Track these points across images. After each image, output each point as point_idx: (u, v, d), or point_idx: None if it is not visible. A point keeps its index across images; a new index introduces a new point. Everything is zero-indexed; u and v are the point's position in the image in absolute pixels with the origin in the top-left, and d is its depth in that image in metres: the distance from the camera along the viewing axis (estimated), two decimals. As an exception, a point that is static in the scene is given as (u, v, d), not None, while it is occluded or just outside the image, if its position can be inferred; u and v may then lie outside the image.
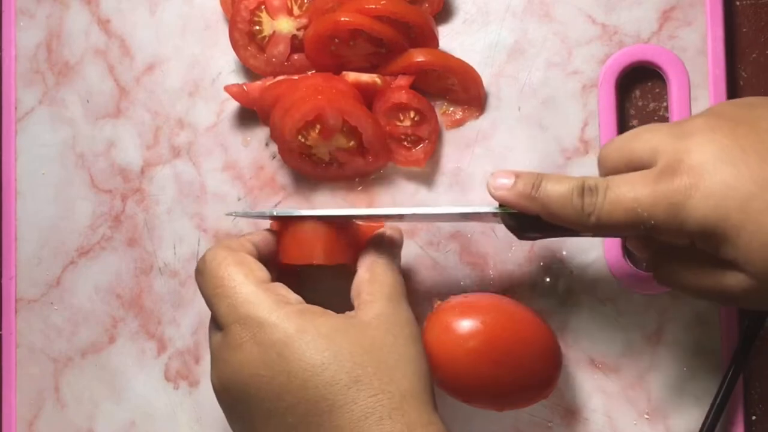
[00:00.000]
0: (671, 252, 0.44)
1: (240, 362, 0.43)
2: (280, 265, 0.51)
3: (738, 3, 0.56)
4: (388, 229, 0.52)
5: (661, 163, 0.41)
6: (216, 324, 0.46)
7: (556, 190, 0.43)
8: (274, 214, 0.51)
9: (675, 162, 0.40)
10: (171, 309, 0.60)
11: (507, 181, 0.45)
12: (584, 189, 0.42)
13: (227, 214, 0.56)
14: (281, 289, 0.45)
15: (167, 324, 0.60)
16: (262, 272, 0.46)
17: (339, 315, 0.44)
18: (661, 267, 0.45)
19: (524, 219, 0.45)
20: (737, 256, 0.39)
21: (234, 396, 0.43)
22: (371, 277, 0.47)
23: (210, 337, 0.46)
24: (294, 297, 0.45)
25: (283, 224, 0.51)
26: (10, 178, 0.63)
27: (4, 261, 0.63)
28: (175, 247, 0.60)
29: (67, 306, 0.61)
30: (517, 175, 0.45)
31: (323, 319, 0.43)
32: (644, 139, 0.43)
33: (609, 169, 0.45)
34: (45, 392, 0.62)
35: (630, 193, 0.41)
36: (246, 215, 0.53)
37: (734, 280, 0.40)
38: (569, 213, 0.43)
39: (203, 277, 0.46)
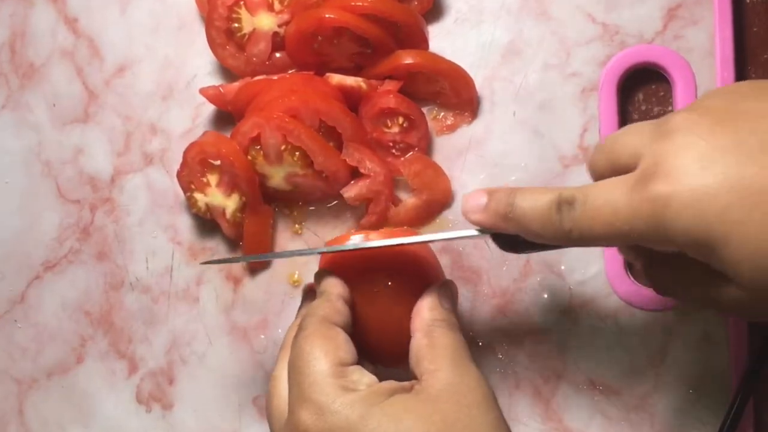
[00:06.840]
0: (665, 260, 0.43)
1: None
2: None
3: (748, 0, 0.55)
4: (441, 284, 0.50)
5: (640, 167, 0.40)
6: (284, 401, 0.46)
7: (531, 206, 0.42)
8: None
9: (652, 166, 0.39)
10: (143, 327, 0.59)
11: (479, 203, 0.44)
12: (561, 203, 0.41)
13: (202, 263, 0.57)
14: (356, 373, 0.45)
15: (138, 343, 0.59)
16: (345, 352, 0.45)
17: (406, 391, 0.44)
18: (655, 276, 0.44)
19: (508, 237, 0.44)
20: (725, 268, 0.38)
21: None
22: (430, 342, 0.46)
23: (271, 415, 0.47)
24: (366, 380, 0.44)
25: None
26: (-28, 186, 0.63)
27: (-34, 275, 0.63)
28: (147, 261, 0.59)
29: (32, 324, 0.61)
30: (490, 194, 0.44)
31: (390, 400, 0.43)
32: (626, 141, 0.42)
33: (597, 176, 0.44)
34: (8, 416, 0.61)
35: (607, 204, 0.39)
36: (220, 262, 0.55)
37: (727, 290, 0.39)
38: (548, 231, 0.41)
39: (295, 342, 0.46)
